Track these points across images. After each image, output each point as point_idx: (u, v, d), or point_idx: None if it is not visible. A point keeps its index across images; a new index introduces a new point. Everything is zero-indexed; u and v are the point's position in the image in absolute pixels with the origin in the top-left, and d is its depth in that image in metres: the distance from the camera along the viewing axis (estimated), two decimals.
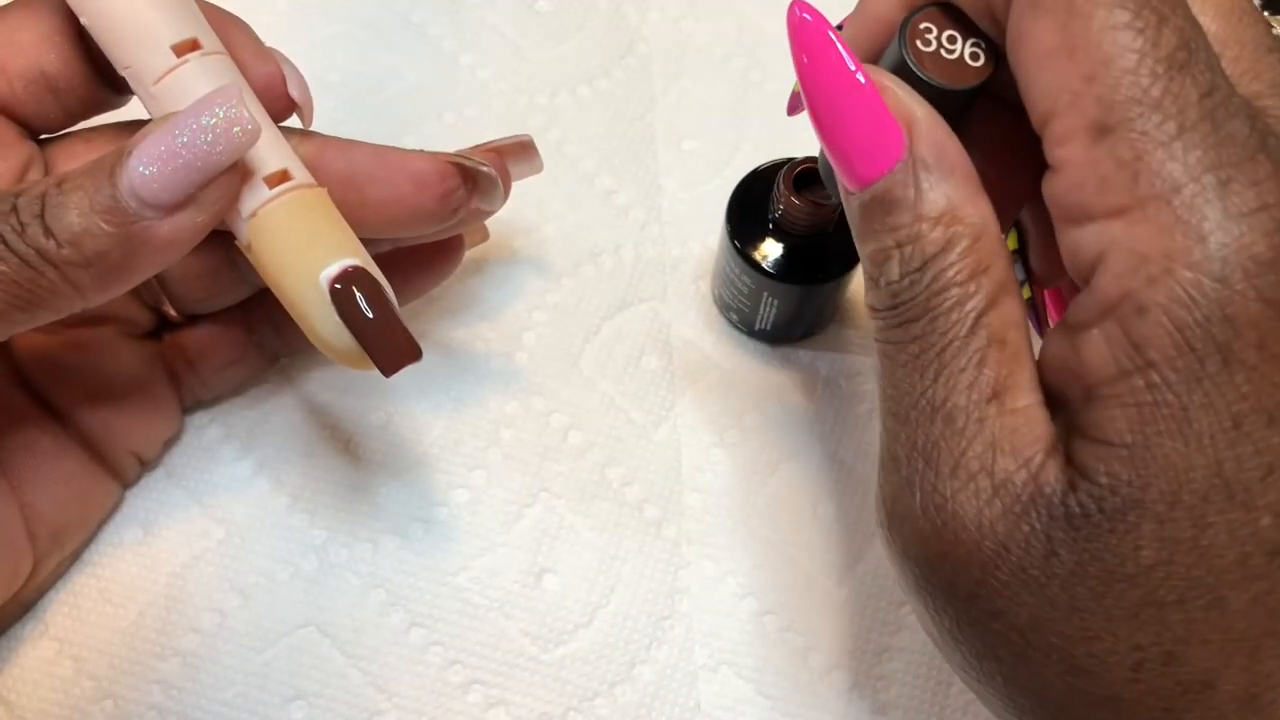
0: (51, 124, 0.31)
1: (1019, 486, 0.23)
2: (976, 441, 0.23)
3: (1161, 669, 0.23)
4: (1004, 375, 0.24)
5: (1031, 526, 0.23)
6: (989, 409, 0.23)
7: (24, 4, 0.31)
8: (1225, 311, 0.21)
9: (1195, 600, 0.22)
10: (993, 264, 0.24)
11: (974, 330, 0.24)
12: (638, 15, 0.47)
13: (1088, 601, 0.23)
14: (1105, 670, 0.23)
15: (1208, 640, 0.22)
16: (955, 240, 0.24)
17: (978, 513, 0.23)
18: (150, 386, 0.36)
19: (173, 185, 0.26)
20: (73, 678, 0.36)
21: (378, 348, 0.29)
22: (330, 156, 0.31)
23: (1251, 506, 0.21)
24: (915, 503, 0.24)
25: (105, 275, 0.27)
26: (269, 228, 0.28)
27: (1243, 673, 0.22)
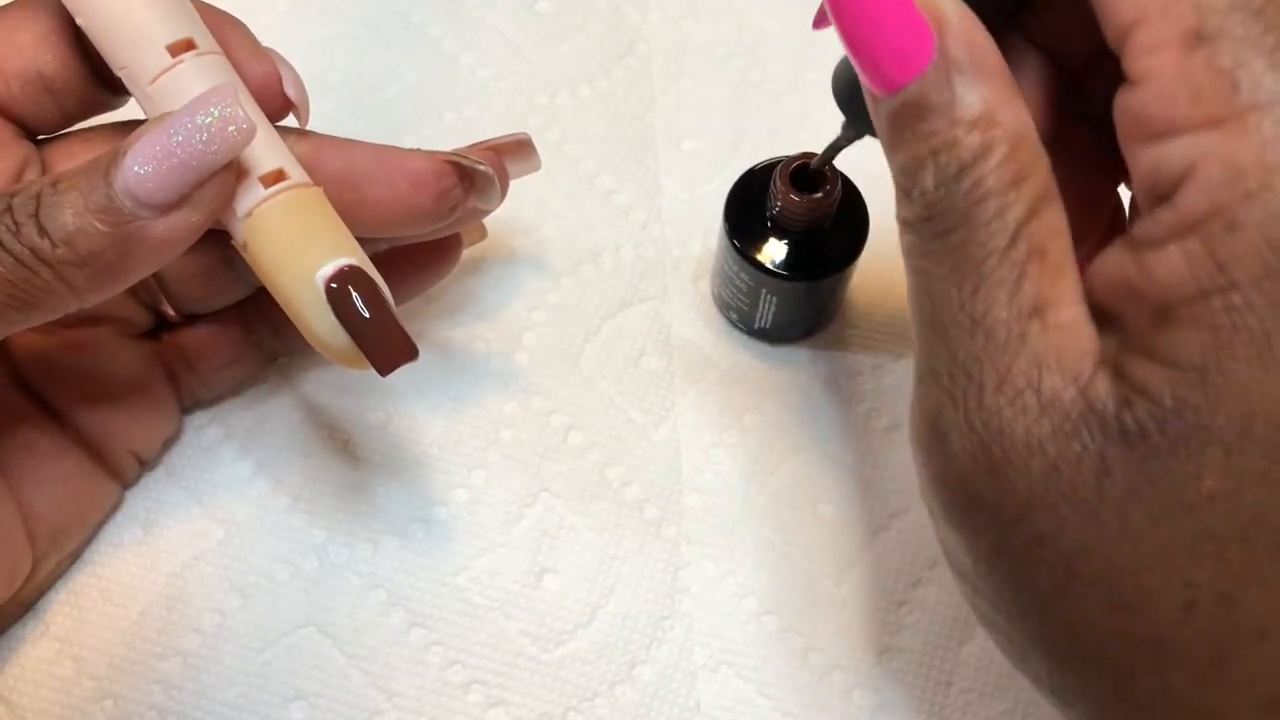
0: (49, 124, 0.31)
1: (1067, 404, 0.22)
2: (1021, 358, 0.22)
3: (1215, 611, 0.21)
4: (1046, 288, 0.22)
5: (1084, 445, 0.22)
6: (1031, 324, 0.22)
7: (22, 4, 0.31)
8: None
9: (1259, 539, 0.21)
10: (1033, 171, 0.23)
11: (1014, 241, 0.22)
12: (638, 15, 0.47)
13: (1142, 529, 0.21)
14: (1154, 607, 0.22)
15: (1269, 584, 0.21)
16: (993, 146, 0.23)
17: (1025, 430, 0.22)
18: (148, 386, 0.36)
19: (168, 185, 0.26)
20: (73, 677, 0.36)
21: (374, 347, 0.29)
22: (327, 156, 0.31)
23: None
24: (959, 418, 0.23)
25: (100, 275, 0.27)
26: (264, 227, 0.29)
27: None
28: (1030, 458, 0.22)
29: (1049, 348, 0.22)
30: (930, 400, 0.24)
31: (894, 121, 0.24)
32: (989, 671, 0.36)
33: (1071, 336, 0.22)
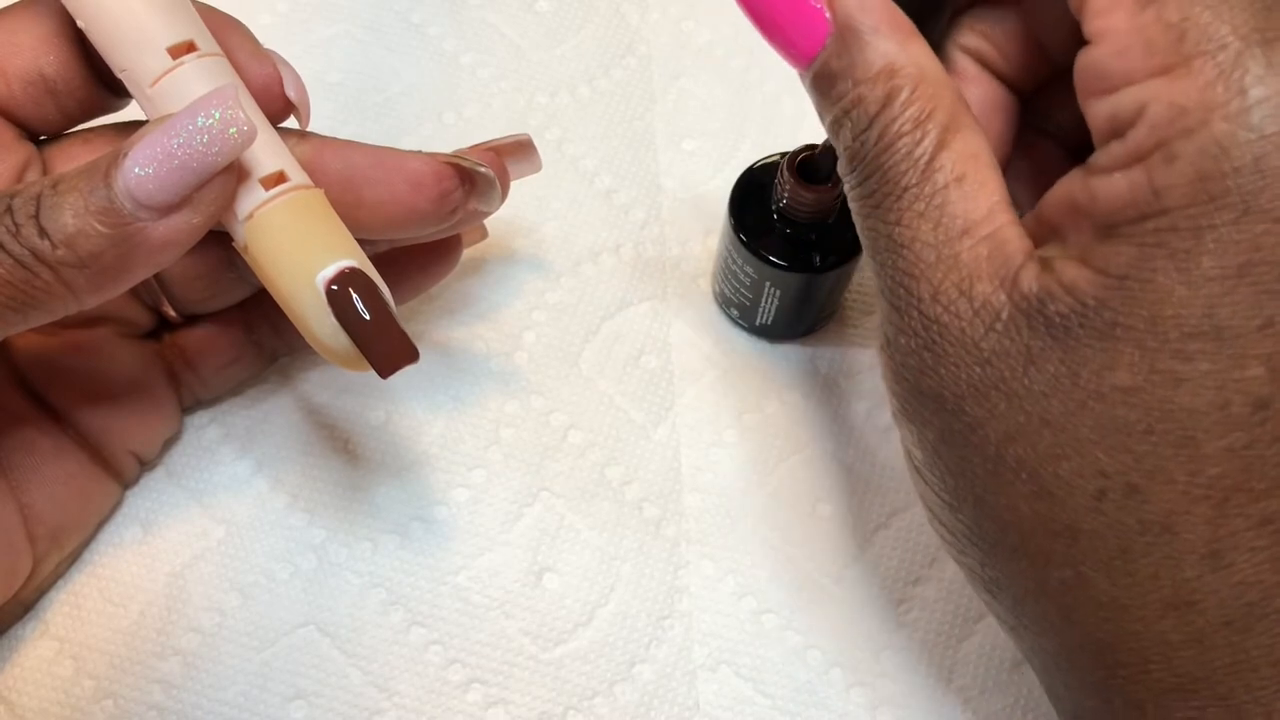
0: (50, 126, 0.31)
1: (997, 306, 0.24)
2: (952, 272, 0.25)
3: (1123, 501, 0.23)
4: (970, 208, 0.25)
5: (1012, 339, 0.24)
6: (960, 244, 0.25)
7: (24, 6, 0.31)
8: (1258, 162, 0.21)
9: (1166, 434, 0.22)
10: (937, 105, 0.25)
11: (927, 174, 0.25)
12: (638, 15, 0.47)
13: (1060, 417, 0.23)
14: (1069, 495, 0.24)
15: (1173, 479, 0.22)
16: (894, 93, 0.25)
17: (960, 331, 0.24)
18: (149, 386, 0.36)
19: (168, 186, 0.26)
20: (73, 677, 0.36)
21: (374, 349, 0.29)
22: (328, 157, 0.31)
23: (1242, 355, 0.22)
24: (905, 323, 0.26)
25: (99, 276, 0.27)
26: (265, 229, 0.28)
27: (1206, 524, 0.23)
28: (965, 353, 0.24)
29: (976, 259, 0.24)
30: (883, 314, 0.27)
31: (814, 91, 0.27)
32: (988, 669, 0.36)
33: (999, 243, 0.24)
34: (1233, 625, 0.23)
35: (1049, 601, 0.25)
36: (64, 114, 0.31)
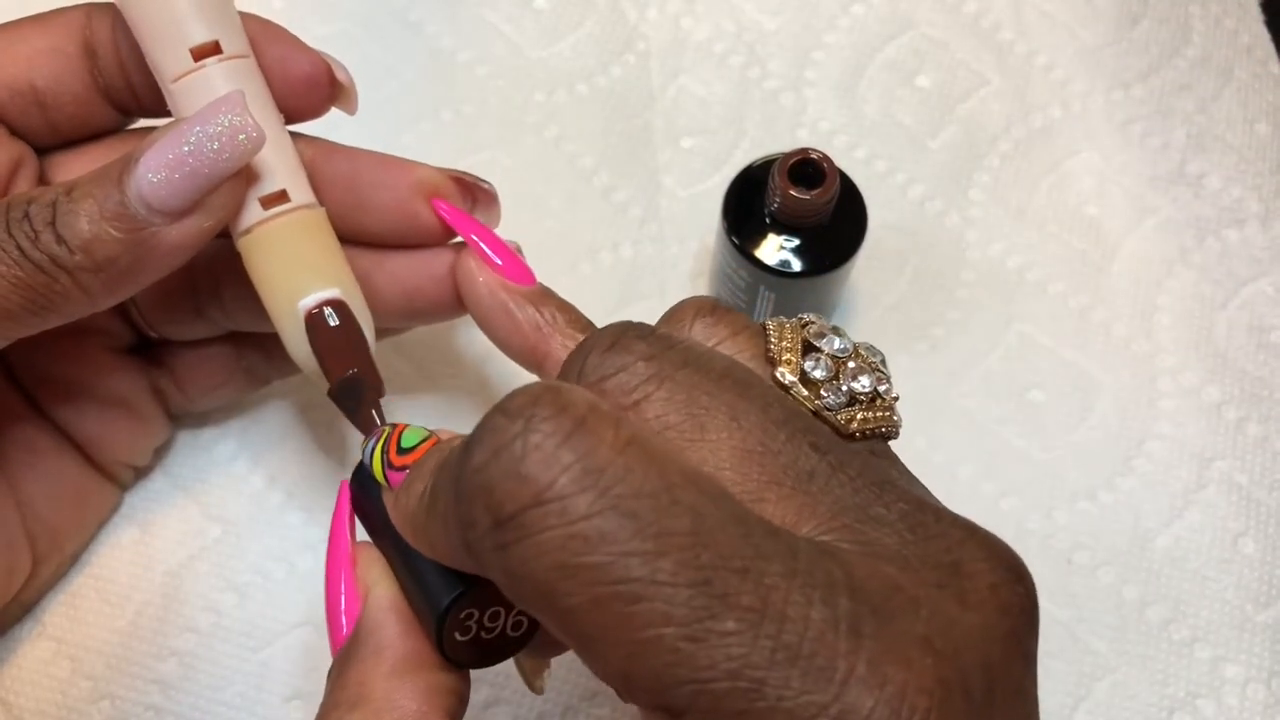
0: (38, 137, 0.31)
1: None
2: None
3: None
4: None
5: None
6: None
7: (36, 20, 0.31)
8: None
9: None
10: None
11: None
12: (636, 12, 0.47)
13: None
14: None
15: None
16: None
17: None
18: (133, 401, 0.36)
19: (180, 192, 0.27)
20: (70, 678, 0.36)
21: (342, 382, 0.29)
22: (335, 160, 0.32)
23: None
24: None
25: (114, 279, 0.27)
26: (257, 248, 0.29)
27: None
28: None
29: None
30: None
31: (328, 678, 0.26)
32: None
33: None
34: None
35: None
36: (52, 127, 0.31)
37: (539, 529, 0.19)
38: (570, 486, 0.19)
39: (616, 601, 0.19)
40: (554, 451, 0.19)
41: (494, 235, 0.31)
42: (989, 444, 0.40)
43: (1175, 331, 0.42)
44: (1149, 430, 0.40)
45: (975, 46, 0.47)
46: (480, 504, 0.20)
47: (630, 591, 0.19)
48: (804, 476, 0.21)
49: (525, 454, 0.19)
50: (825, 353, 0.25)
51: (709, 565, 0.19)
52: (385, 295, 0.32)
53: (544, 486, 0.19)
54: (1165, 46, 0.47)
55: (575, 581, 0.19)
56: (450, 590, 0.24)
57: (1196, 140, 0.45)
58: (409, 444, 0.25)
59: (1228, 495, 0.39)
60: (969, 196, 0.44)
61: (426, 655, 0.25)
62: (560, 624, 0.20)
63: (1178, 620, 0.38)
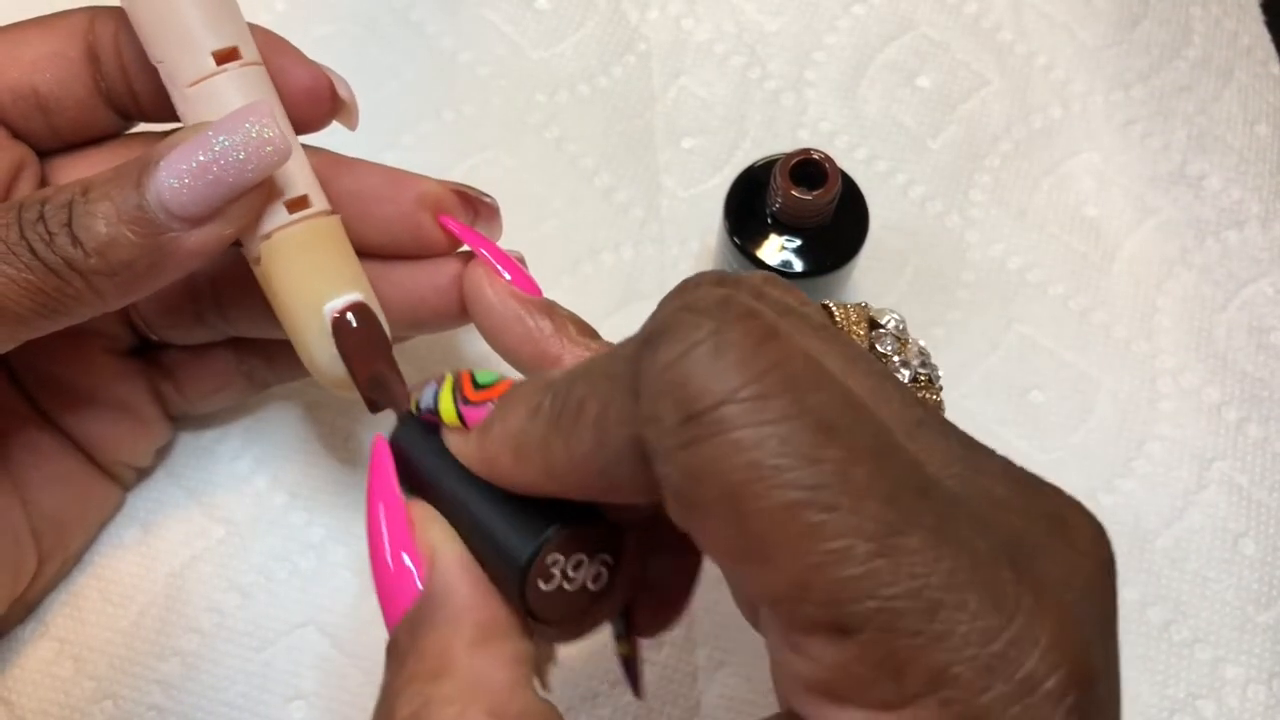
0: (39, 141, 0.31)
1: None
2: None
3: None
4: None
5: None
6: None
7: (38, 23, 0.31)
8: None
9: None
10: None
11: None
12: (637, 13, 0.47)
13: None
14: None
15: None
16: (433, 704, 0.23)
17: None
18: (133, 404, 0.36)
19: (202, 199, 0.26)
20: (73, 678, 0.36)
21: (368, 384, 0.29)
22: (340, 172, 0.32)
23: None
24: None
25: (128, 283, 0.27)
26: (281, 251, 0.29)
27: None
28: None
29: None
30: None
31: (388, 652, 0.25)
32: None
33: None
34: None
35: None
36: (54, 131, 0.31)
37: (735, 426, 0.19)
38: (769, 388, 0.19)
39: (810, 509, 0.18)
40: (752, 352, 0.19)
41: (499, 249, 0.31)
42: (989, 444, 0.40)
43: (1175, 332, 0.42)
44: (1149, 431, 0.40)
45: (975, 47, 0.47)
46: (670, 399, 0.19)
47: (824, 499, 0.18)
48: (915, 424, 0.21)
49: (721, 351, 0.19)
50: (889, 330, 0.25)
51: (896, 482, 0.19)
52: (389, 305, 0.32)
53: (741, 384, 0.19)
54: (1166, 47, 0.47)
55: (768, 484, 0.18)
56: (536, 533, 0.23)
57: (1197, 141, 0.45)
58: (486, 381, 0.25)
59: (1228, 496, 0.39)
60: (969, 197, 0.44)
61: (505, 619, 0.24)
62: (740, 529, 0.19)
63: (1178, 621, 0.38)
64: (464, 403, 0.25)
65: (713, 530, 0.20)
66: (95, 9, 0.31)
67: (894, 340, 0.25)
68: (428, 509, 0.26)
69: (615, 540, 0.25)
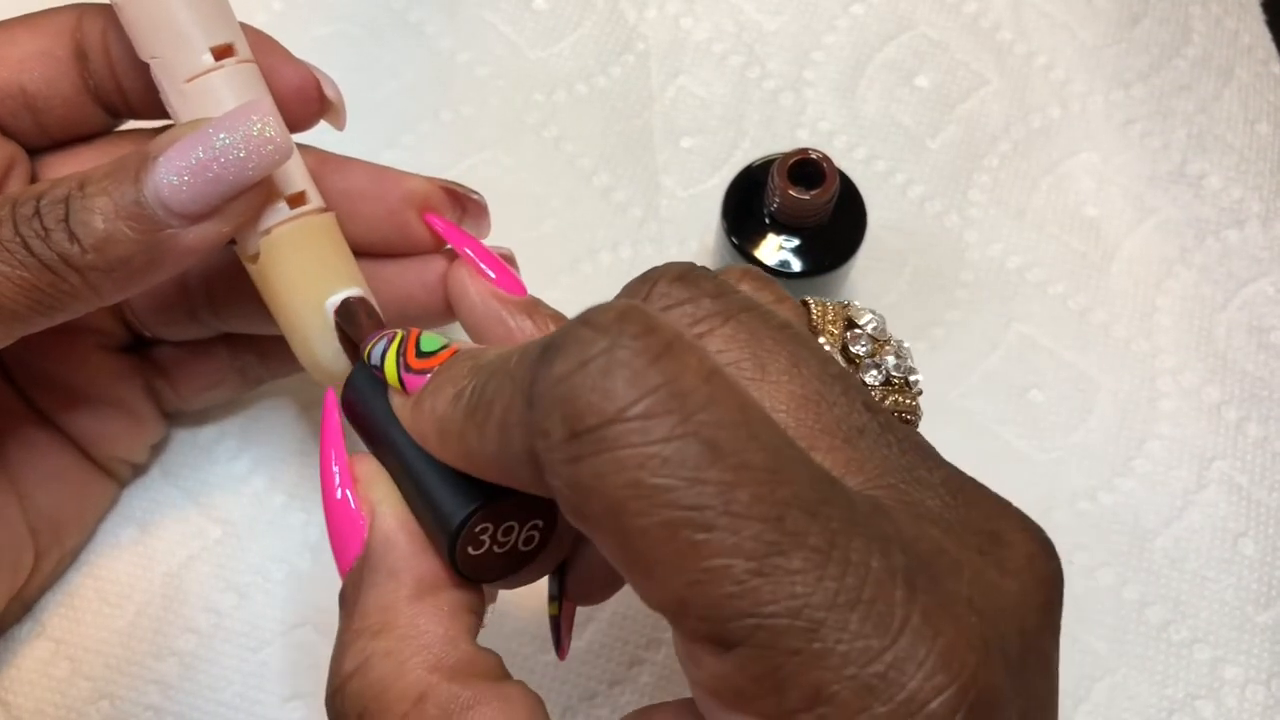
0: (28, 139, 0.31)
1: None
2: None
3: None
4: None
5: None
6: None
7: (25, 21, 0.31)
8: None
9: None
10: (428, 690, 0.23)
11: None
12: (635, 12, 0.47)
13: None
14: None
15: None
16: (374, 658, 0.24)
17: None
18: (127, 400, 0.36)
19: (201, 196, 0.26)
20: (69, 678, 0.36)
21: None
22: (327, 172, 0.32)
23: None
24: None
25: (124, 279, 0.27)
26: (281, 247, 0.29)
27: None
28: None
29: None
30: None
31: (340, 603, 0.26)
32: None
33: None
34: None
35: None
36: (42, 129, 0.31)
37: (619, 445, 0.19)
38: (656, 407, 0.19)
39: (688, 527, 0.19)
40: (642, 370, 0.19)
41: (485, 248, 0.31)
42: (989, 444, 0.40)
43: (1175, 332, 0.42)
44: (1149, 431, 0.40)
45: (975, 47, 0.47)
46: (558, 414, 0.19)
47: (703, 519, 0.19)
48: (855, 431, 0.21)
49: (611, 369, 0.19)
50: (866, 331, 0.25)
51: (783, 502, 0.19)
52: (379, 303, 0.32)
53: (628, 404, 0.19)
54: (1165, 46, 0.47)
55: (648, 502, 0.19)
56: (466, 503, 0.24)
57: (1197, 140, 0.45)
58: (429, 348, 0.25)
59: (1228, 496, 0.39)
60: (968, 197, 0.44)
61: (442, 573, 0.25)
62: (622, 544, 0.19)
63: (1177, 621, 0.38)
64: (405, 369, 0.25)
65: (600, 541, 0.20)
66: (83, 6, 0.31)
67: (870, 341, 0.25)
68: (373, 465, 0.26)
69: (548, 506, 0.25)
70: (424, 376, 0.24)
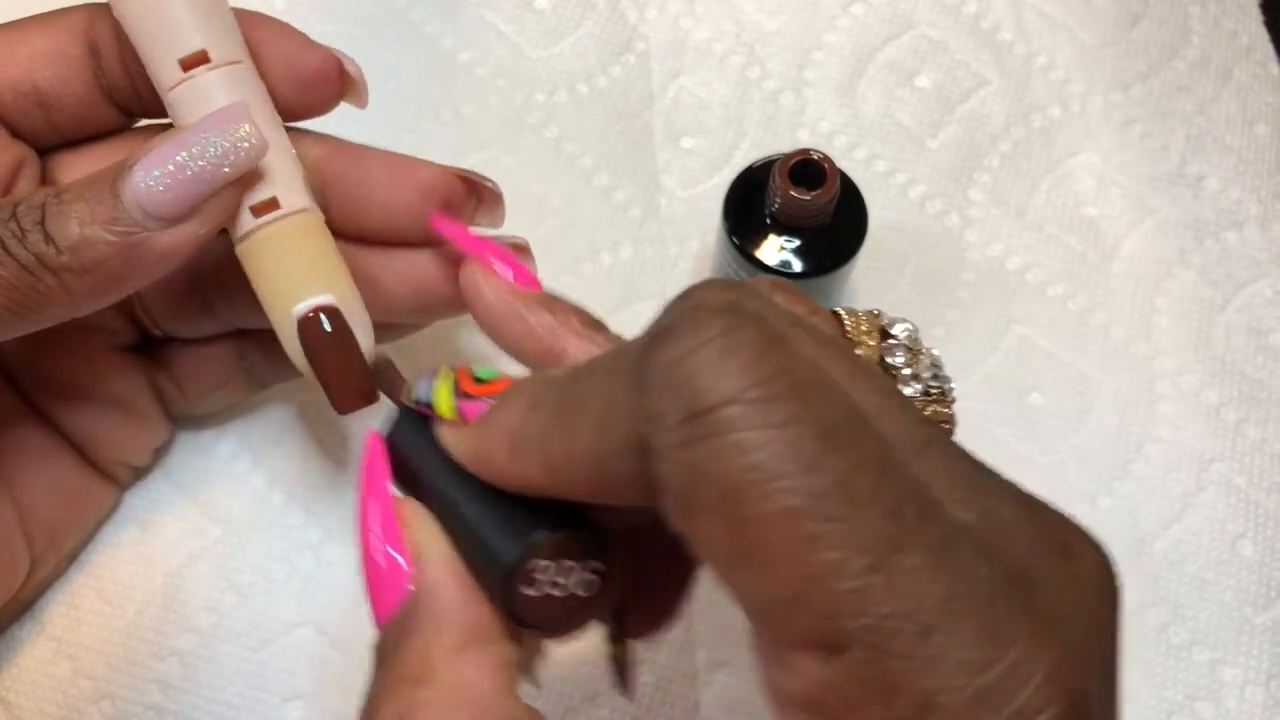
0: (40, 138, 0.31)
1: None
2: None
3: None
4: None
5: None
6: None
7: (38, 20, 0.31)
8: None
9: None
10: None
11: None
12: (636, 12, 0.47)
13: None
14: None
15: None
16: (418, 709, 0.23)
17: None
18: (133, 401, 0.36)
19: (178, 197, 0.27)
20: (70, 678, 0.36)
21: (332, 385, 0.29)
22: (341, 159, 0.32)
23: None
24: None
25: (100, 283, 0.27)
26: (251, 256, 0.29)
27: None
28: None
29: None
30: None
31: (375, 652, 0.25)
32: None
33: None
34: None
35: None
36: (54, 128, 0.31)
37: (739, 427, 0.18)
38: (775, 392, 0.18)
39: (809, 517, 0.18)
40: (761, 355, 0.19)
41: (498, 247, 0.30)
42: (988, 446, 0.40)
43: (1174, 333, 0.42)
44: (1148, 433, 0.40)
45: (975, 47, 0.47)
46: (674, 395, 0.19)
47: (824, 509, 0.18)
48: (923, 443, 0.21)
49: (729, 352, 0.19)
50: (901, 340, 0.24)
51: (899, 495, 0.18)
52: (395, 293, 0.32)
53: (747, 386, 0.18)
54: (1164, 47, 0.47)
55: (769, 488, 0.18)
56: (521, 538, 0.23)
57: (1196, 141, 0.45)
58: (486, 376, 0.24)
59: (1227, 498, 0.39)
60: (969, 197, 0.44)
61: (490, 624, 0.24)
62: (735, 532, 0.18)
63: (1176, 623, 0.38)
64: (463, 397, 0.24)
65: (708, 533, 0.19)
66: (96, 5, 0.31)
67: (905, 351, 0.24)
68: (418, 509, 0.25)
69: (605, 547, 0.24)
70: (484, 402, 0.24)
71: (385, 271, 0.32)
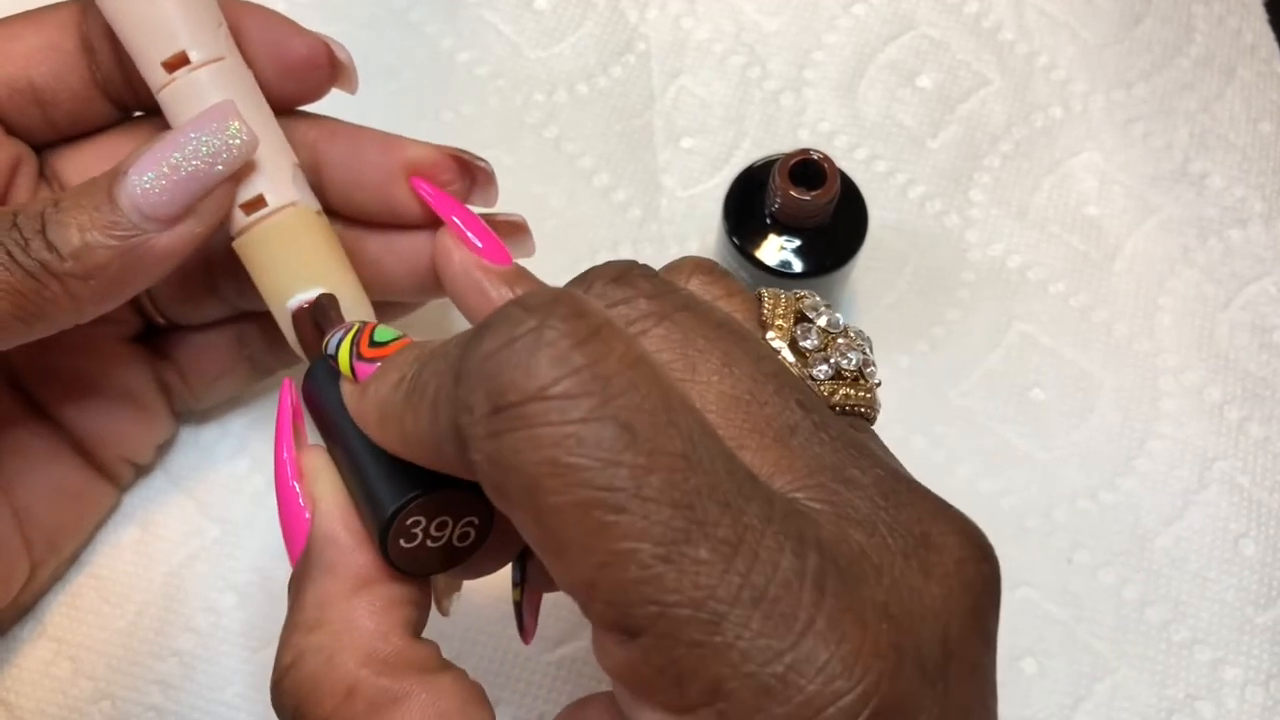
0: (37, 134, 0.32)
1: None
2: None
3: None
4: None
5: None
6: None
7: (31, 15, 0.31)
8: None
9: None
10: (356, 684, 0.23)
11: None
12: (636, 12, 0.47)
13: None
14: None
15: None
16: (307, 653, 0.24)
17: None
18: (138, 392, 0.36)
19: (173, 198, 0.27)
20: (70, 678, 0.36)
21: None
22: (337, 140, 0.32)
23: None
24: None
25: (104, 287, 0.28)
26: (245, 253, 0.30)
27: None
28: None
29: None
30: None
31: (288, 596, 0.26)
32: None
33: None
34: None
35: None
36: (51, 124, 0.32)
37: (537, 422, 0.19)
38: (576, 388, 0.19)
39: (599, 508, 0.19)
40: (566, 351, 0.19)
41: (474, 216, 0.31)
42: (989, 443, 0.40)
43: (1177, 331, 0.42)
44: (1150, 430, 0.40)
45: (976, 47, 0.47)
46: (482, 389, 0.20)
47: (614, 501, 0.19)
48: (786, 430, 0.21)
49: (537, 348, 0.19)
50: (816, 324, 0.25)
51: (694, 491, 0.19)
52: (397, 276, 0.32)
53: (549, 382, 0.19)
54: (1168, 46, 0.47)
55: (563, 480, 0.19)
56: (399, 495, 0.24)
57: (1199, 139, 0.45)
58: (383, 339, 0.25)
59: (1229, 496, 0.39)
60: (969, 197, 0.44)
61: (380, 568, 0.25)
62: (536, 522, 0.20)
63: (1177, 621, 0.38)
64: (358, 357, 0.25)
65: (519, 520, 0.20)
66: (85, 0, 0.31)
67: (820, 334, 0.25)
68: (320, 459, 0.27)
69: (484, 503, 0.25)
70: (374, 365, 0.24)
71: (387, 254, 0.32)
